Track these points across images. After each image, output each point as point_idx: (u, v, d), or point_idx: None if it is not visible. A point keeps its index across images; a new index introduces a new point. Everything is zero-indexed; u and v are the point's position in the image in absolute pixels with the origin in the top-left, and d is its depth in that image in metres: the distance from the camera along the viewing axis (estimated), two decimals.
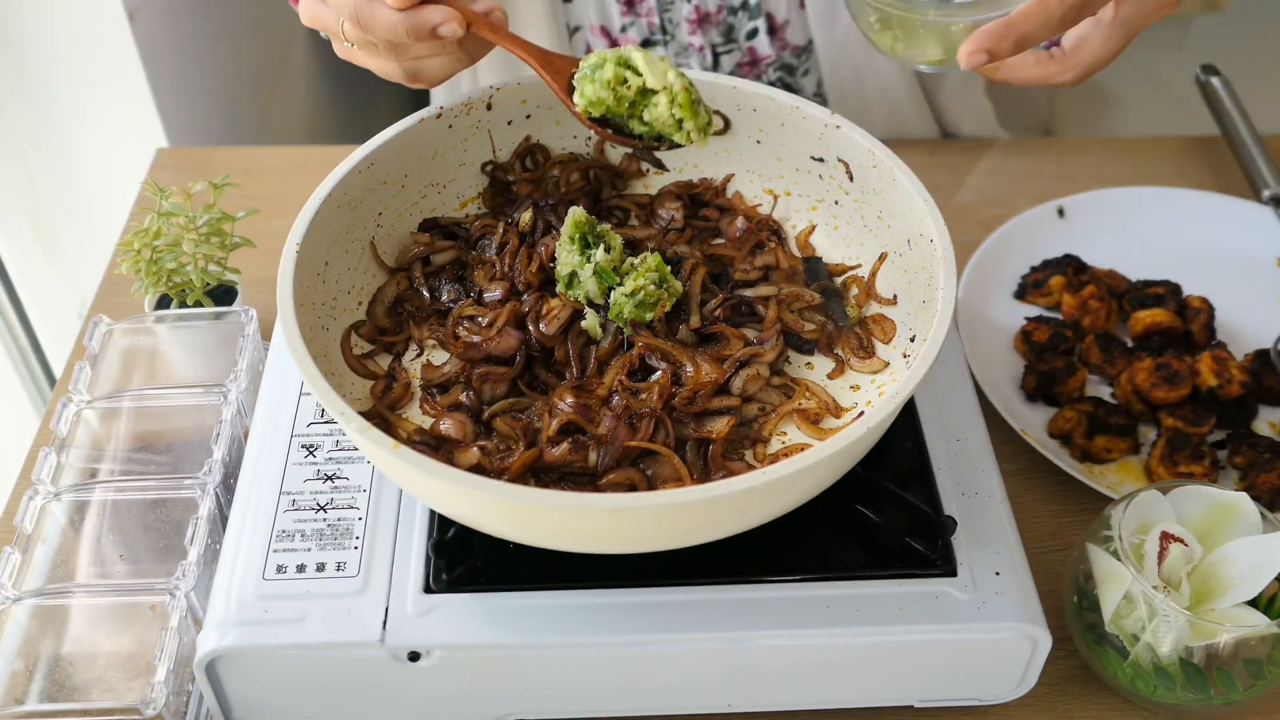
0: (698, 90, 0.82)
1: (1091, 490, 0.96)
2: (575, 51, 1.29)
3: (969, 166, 1.30)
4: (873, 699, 0.83)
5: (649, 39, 1.27)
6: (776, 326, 0.86)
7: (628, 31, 1.27)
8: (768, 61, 1.28)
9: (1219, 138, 1.32)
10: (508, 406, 0.81)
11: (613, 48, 0.82)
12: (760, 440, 0.81)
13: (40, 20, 1.37)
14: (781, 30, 1.27)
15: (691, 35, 1.26)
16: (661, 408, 0.79)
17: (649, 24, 1.26)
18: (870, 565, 0.80)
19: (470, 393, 0.82)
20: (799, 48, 1.29)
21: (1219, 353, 1.03)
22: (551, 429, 0.78)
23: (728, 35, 1.27)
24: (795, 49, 1.29)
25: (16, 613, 0.82)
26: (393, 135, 0.89)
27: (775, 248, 0.92)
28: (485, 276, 0.89)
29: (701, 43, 1.26)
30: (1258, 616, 0.79)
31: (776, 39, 1.27)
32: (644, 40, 1.27)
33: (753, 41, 1.27)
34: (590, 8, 1.26)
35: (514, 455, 0.77)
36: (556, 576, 0.78)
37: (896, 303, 0.88)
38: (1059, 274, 1.13)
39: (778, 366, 0.85)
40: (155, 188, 1.01)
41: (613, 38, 1.27)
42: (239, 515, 0.82)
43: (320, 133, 1.85)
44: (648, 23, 1.26)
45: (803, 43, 1.28)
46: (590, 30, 1.27)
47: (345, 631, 0.76)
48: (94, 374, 0.97)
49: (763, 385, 0.83)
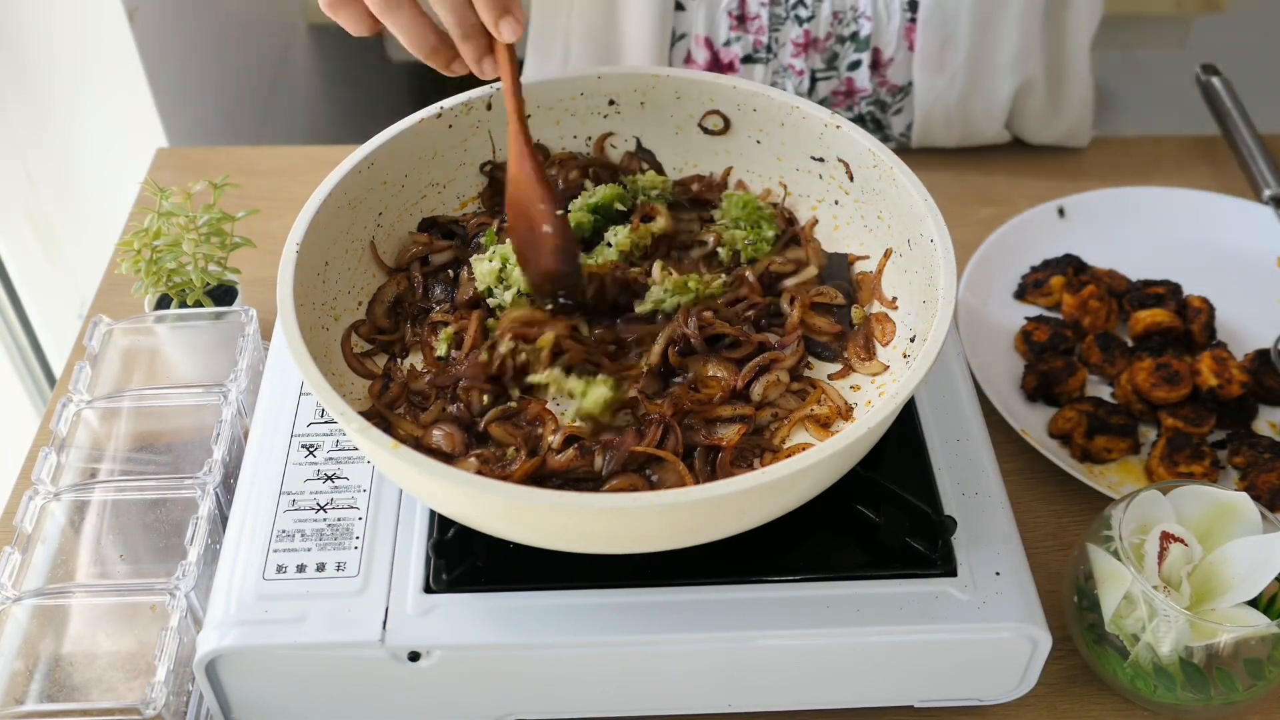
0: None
1: (1091, 490, 0.96)
2: (675, 60, 1.28)
3: (969, 166, 1.30)
4: (873, 699, 0.83)
5: (751, 55, 1.26)
6: (799, 331, 0.86)
7: (732, 45, 1.26)
8: (863, 95, 1.29)
9: (1219, 138, 1.32)
10: (499, 414, 0.80)
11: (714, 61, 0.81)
12: (770, 449, 0.80)
13: (40, 20, 1.37)
14: (884, 67, 1.27)
15: (794, 58, 1.25)
16: (672, 414, 0.79)
17: (755, 41, 1.25)
18: (870, 565, 0.80)
19: (459, 405, 0.81)
20: (897, 87, 1.29)
21: (1219, 353, 1.03)
22: (556, 441, 0.78)
23: (830, 63, 1.27)
24: (893, 88, 1.29)
25: (16, 613, 0.82)
26: (393, 135, 0.89)
27: (808, 242, 0.93)
28: (467, 278, 0.89)
29: (803, 67, 1.26)
30: (1258, 616, 0.79)
31: (877, 75, 1.27)
32: (745, 57, 1.26)
33: (853, 73, 1.27)
34: (700, 18, 1.25)
35: (515, 463, 0.77)
36: (556, 576, 0.78)
37: (897, 305, 0.88)
38: (1059, 274, 1.13)
39: (798, 372, 0.85)
40: (155, 188, 1.01)
41: (715, 50, 1.26)
42: (239, 515, 0.82)
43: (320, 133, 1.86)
44: (754, 40, 1.25)
45: (902, 83, 1.28)
46: (695, 40, 1.26)
47: (345, 631, 0.76)
48: (94, 374, 0.97)
49: (783, 392, 0.82)
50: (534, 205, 0.84)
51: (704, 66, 1.27)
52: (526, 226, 0.85)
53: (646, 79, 0.94)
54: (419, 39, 0.82)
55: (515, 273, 0.86)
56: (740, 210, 0.92)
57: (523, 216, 0.85)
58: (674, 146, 0.98)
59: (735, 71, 1.27)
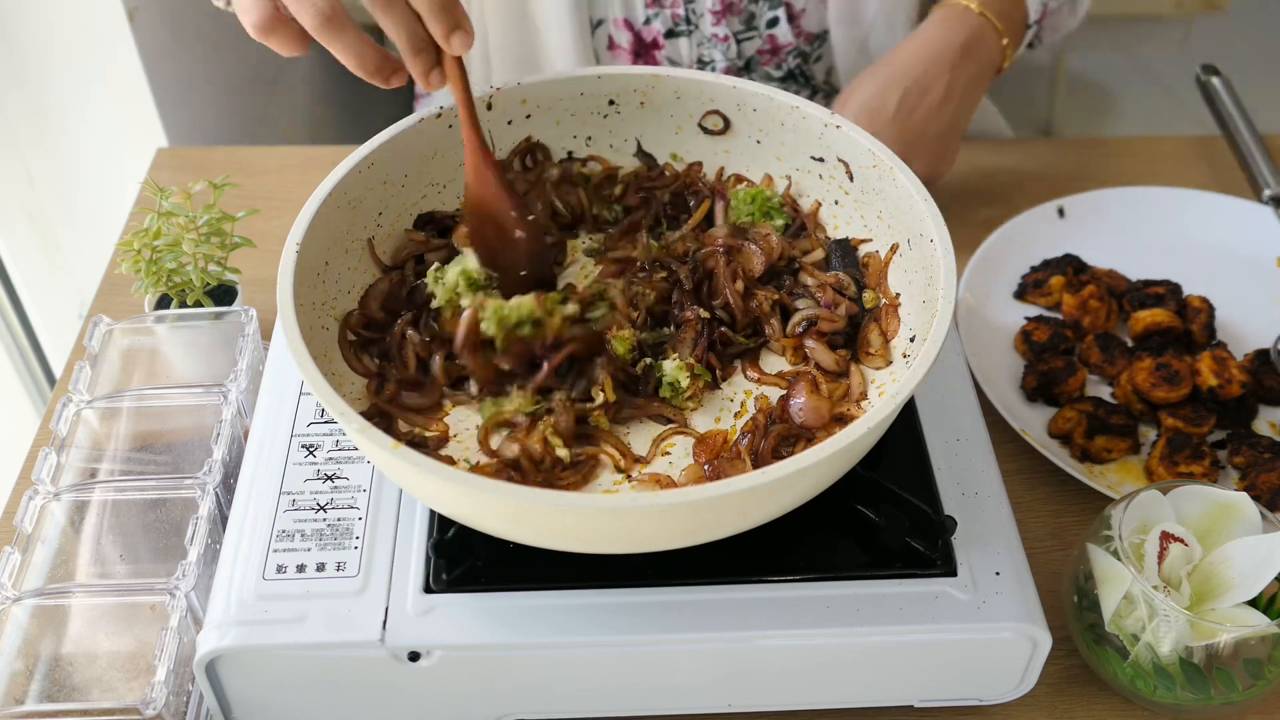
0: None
1: (1091, 490, 0.96)
2: (598, 44, 1.29)
3: (969, 166, 1.30)
4: (873, 699, 0.83)
5: (673, 29, 1.27)
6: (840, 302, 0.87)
7: (652, 23, 1.27)
8: (788, 49, 1.30)
9: (1219, 138, 1.32)
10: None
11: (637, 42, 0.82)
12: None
13: (40, 20, 1.37)
14: (799, 18, 1.28)
15: (715, 26, 1.27)
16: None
17: (673, 15, 1.26)
18: (870, 565, 0.80)
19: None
20: (813, 35, 1.30)
21: (1219, 353, 1.03)
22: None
23: (749, 23, 1.28)
24: (809, 36, 1.30)
25: (16, 613, 0.82)
26: (393, 135, 0.89)
27: (814, 230, 0.93)
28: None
29: (725, 32, 1.27)
30: (1258, 616, 0.79)
31: (794, 26, 1.28)
32: (668, 31, 1.27)
33: (773, 30, 1.29)
34: (615, 0, 1.26)
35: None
36: (556, 576, 0.78)
37: (900, 302, 0.88)
38: (1059, 274, 1.13)
39: (836, 341, 0.87)
40: (155, 188, 1.01)
41: (636, 30, 1.27)
42: (239, 515, 0.82)
43: (320, 133, 1.85)
44: (671, 14, 1.26)
45: (817, 30, 1.30)
46: (614, 24, 1.27)
47: (345, 631, 0.76)
48: (94, 374, 0.97)
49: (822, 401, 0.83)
50: (502, 214, 0.84)
51: (628, 49, 1.28)
52: (495, 234, 0.85)
53: (646, 79, 0.94)
54: (362, 59, 0.80)
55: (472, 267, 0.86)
56: (750, 204, 0.93)
57: (489, 224, 0.85)
58: (674, 146, 0.98)
59: (660, 49, 1.29)
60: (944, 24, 1.17)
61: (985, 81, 1.20)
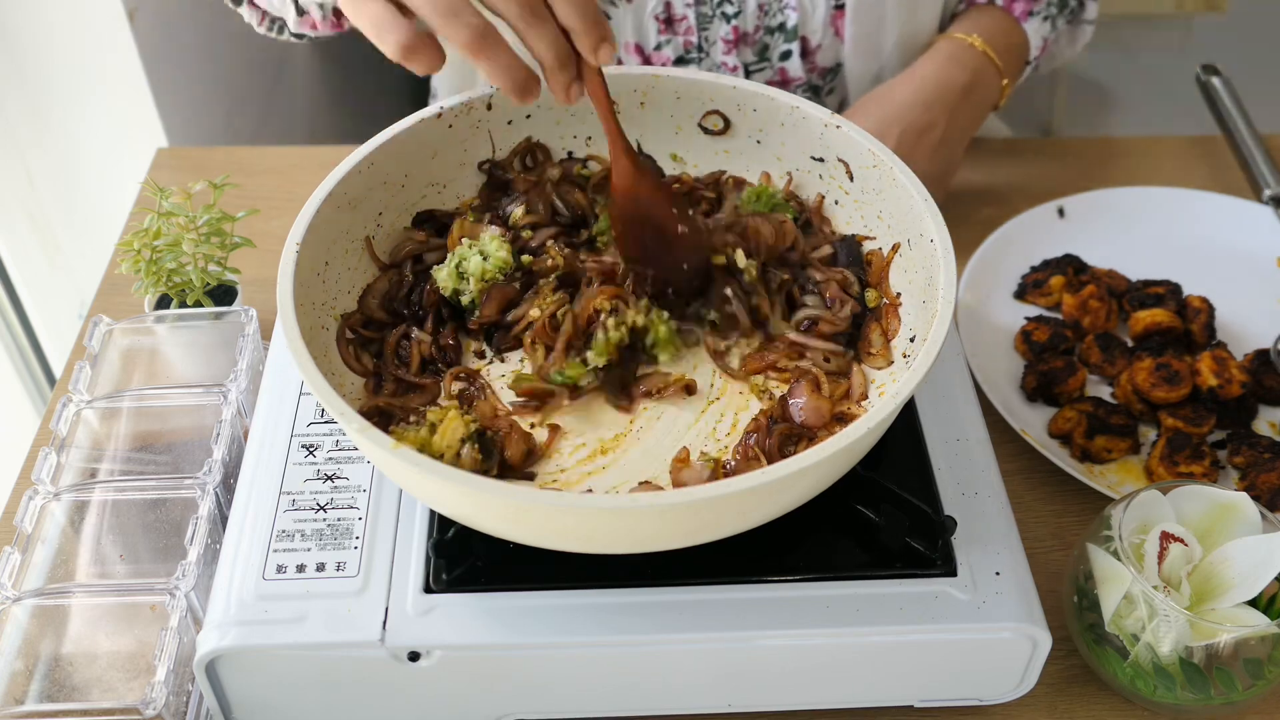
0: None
1: (1091, 490, 0.96)
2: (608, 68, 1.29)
3: (969, 166, 1.30)
4: (873, 699, 0.83)
5: (683, 57, 1.26)
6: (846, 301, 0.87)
7: (663, 49, 1.26)
8: (798, 83, 1.29)
9: (1219, 138, 1.32)
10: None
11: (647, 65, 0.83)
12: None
13: (40, 20, 1.37)
14: (813, 54, 1.27)
15: (726, 55, 1.25)
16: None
17: (685, 43, 1.25)
18: (870, 565, 0.80)
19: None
20: (826, 69, 1.29)
21: (1219, 353, 1.03)
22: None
23: (761, 54, 1.27)
24: (823, 71, 1.29)
25: (16, 613, 0.82)
26: (393, 135, 0.89)
27: (820, 225, 0.93)
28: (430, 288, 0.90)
29: (735, 62, 1.26)
30: (1258, 616, 0.79)
31: (807, 61, 1.28)
32: (678, 59, 1.26)
33: (785, 63, 1.27)
34: (627, 25, 1.24)
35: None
36: (556, 576, 0.78)
37: (901, 301, 0.88)
38: (1059, 274, 1.13)
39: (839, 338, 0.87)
40: (155, 188, 1.01)
41: (646, 55, 1.26)
42: (239, 515, 0.82)
43: (320, 133, 1.85)
44: (684, 41, 1.25)
45: (831, 65, 1.29)
46: (625, 48, 1.26)
47: (345, 631, 0.76)
48: (94, 374, 0.97)
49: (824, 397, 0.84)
50: (662, 214, 0.86)
51: None
52: (653, 235, 0.86)
53: (646, 79, 0.94)
54: (513, 77, 0.79)
55: (473, 264, 0.87)
56: (757, 204, 0.93)
57: (645, 227, 0.86)
58: (674, 147, 0.98)
59: None
60: (948, 62, 1.17)
61: (981, 120, 1.20)
